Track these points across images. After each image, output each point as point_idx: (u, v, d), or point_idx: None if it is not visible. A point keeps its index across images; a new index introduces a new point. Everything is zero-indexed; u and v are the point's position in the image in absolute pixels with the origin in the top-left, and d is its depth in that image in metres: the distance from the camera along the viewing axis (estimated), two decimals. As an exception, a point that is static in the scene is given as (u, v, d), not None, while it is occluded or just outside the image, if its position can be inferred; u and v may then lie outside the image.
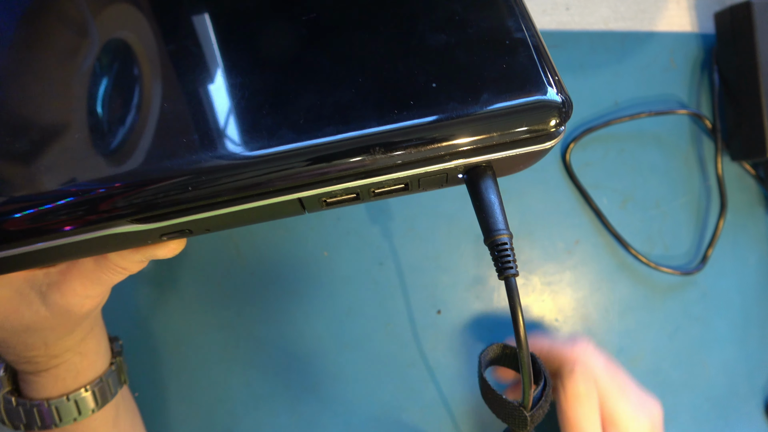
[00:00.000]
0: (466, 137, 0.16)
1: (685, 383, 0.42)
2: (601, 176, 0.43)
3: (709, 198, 0.44)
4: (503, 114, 0.16)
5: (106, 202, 0.16)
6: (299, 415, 0.39)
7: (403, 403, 0.39)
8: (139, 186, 0.16)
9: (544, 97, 0.16)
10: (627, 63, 0.44)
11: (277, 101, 0.16)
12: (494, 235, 0.18)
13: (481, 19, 0.18)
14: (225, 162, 0.16)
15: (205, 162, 0.16)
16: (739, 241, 0.43)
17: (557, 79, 0.17)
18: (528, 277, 0.41)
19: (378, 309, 0.40)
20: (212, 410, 0.38)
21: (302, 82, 0.17)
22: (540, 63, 0.17)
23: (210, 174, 0.16)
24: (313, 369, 0.39)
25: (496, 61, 0.17)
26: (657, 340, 0.42)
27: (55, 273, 0.22)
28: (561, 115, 0.17)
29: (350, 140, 0.16)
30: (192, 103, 0.17)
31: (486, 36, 0.17)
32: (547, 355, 0.33)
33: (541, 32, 0.46)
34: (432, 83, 0.16)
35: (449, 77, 0.16)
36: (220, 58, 0.18)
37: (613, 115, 0.43)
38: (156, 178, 0.16)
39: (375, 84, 0.16)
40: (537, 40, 0.18)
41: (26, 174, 0.16)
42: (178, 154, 0.16)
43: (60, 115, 0.17)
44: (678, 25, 0.45)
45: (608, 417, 0.31)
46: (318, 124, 0.16)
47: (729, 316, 0.43)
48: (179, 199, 0.16)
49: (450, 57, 0.17)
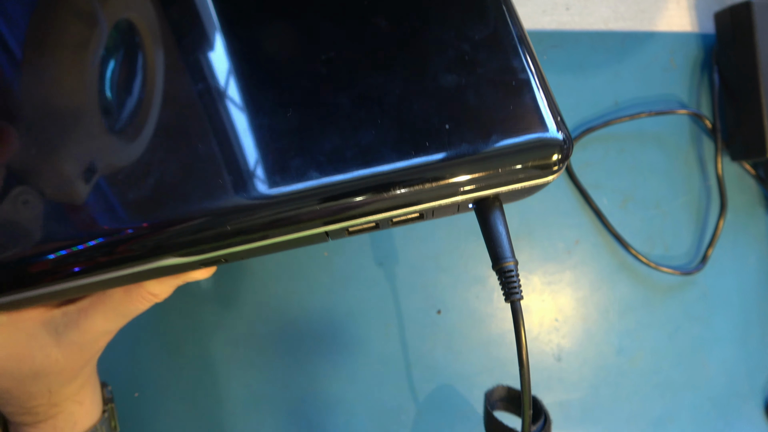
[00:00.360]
0: (476, 174, 0.18)
1: (685, 383, 0.42)
2: (601, 176, 0.43)
3: (709, 198, 0.44)
4: (510, 152, 0.18)
5: (159, 239, 0.18)
6: (299, 415, 0.39)
7: (403, 403, 0.39)
8: (190, 225, 0.17)
9: (548, 136, 0.18)
10: (627, 63, 0.44)
11: (304, 143, 0.18)
12: (502, 262, 0.19)
13: (489, 60, 0.19)
14: (263, 201, 0.17)
15: (248, 202, 0.17)
16: (739, 241, 0.43)
17: (560, 119, 0.18)
18: (528, 277, 0.41)
19: (378, 309, 0.40)
20: (212, 410, 0.38)
21: (326, 123, 0.18)
22: (543, 103, 0.18)
23: (252, 212, 0.17)
24: (313, 369, 0.39)
25: (504, 102, 0.18)
26: (657, 340, 0.42)
27: (75, 311, 0.22)
28: (563, 152, 0.18)
29: (374, 178, 0.17)
30: (227, 146, 0.18)
31: (494, 77, 0.19)
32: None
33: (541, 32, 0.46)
34: (445, 124, 0.18)
35: (461, 119, 0.18)
36: (248, 101, 0.19)
37: (613, 115, 0.43)
38: (203, 218, 0.17)
39: (394, 126, 0.18)
40: (540, 79, 0.19)
41: (79, 213, 0.18)
42: (222, 195, 0.17)
43: (113, 156, 0.18)
44: (678, 25, 0.45)
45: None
46: (343, 165, 0.17)
47: (729, 316, 0.43)
48: (224, 235, 0.17)
49: (461, 99, 0.18)
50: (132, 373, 0.38)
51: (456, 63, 0.19)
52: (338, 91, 0.19)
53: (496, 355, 0.40)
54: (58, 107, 0.19)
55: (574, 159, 0.42)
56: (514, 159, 0.18)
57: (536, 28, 0.44)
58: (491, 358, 0.40)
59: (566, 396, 0.41)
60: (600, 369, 0.41)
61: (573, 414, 0.41)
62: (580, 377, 0.41)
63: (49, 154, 0.18)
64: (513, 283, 0.20)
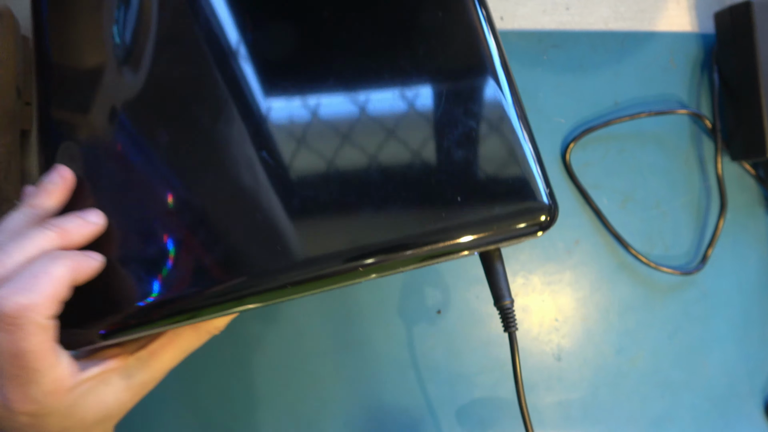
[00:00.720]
0: (481, 234, 0.23)
1: (685, 383, 0.42)
2: (601, 176, 0.43)
3: (709, 198, 0.44)
4: (508, 217, 0.23)
5: (253, 290, 0.22)
6: (299, 415, 0.39)
7: (403, 403, 0.39)
8: (276, 279, 0.22)
9: (539, 205, 0.23)
10: (627, 63, 0.44)
11: (343, 214, 0.22)
12: (501, 301, 0.26)
13: (492, 135, 0.24)
14: (323, 262, 0.22)
15: (318, 262, 0.22)
16: (739, 240, 0.43)
17: (549, 191, 0.23)
18: (528, 277, 0.41)
19: (378, 309, 0.40)
20: (212, 410, 0.38)
21: (362, 198, 0.23)
22: (537, 178, 0.23)
23: (314, 267, 0.22)
24: (313, 369, 0.39)
25: (504, 175, 0.23)
26: (657, 340, 0.42)
27: (146, 355, 0.24)
28: (551, 214, 0.23)
29: (400, 241, 0.22)
30: (294, 218, 0.23)
31: (496, 152, 0.24)
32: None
33: (541, 32, 0.46)
34: (458, 197, 0.23)
35: (469, 192, 0.23)
36: (297, 180, 0.23)
37: (613, 115, 0.43)
38: (286, 273, 0.22)
39: (416, 199, 0.23)
40: (536, 157, 0.24)
41: (204, 265, 0.22)
42: (298, 256, 0.22)
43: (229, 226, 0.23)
44: (678, 25, 0.45)
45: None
46: (377, 232, 0.22)
47: (729, 316, 0.43)
48: (300, 281, 0.22)
49: (470, 174, 0.23)
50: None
51: (464, 138, 0.24)
52: (369, 170, 0.23)
53: (496, 355, 0.40)
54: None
55: (574, 159, 0.42)
56: (511, 223, 0.23)
57: (536, 28, 0.44)
58: (491, 358, 0.40)
59: (566, 396, 0.41)
60: (600, 369, 0.41)
61: (573, 414, 0.41)
62: (580, 377, 0.41)
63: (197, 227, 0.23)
64: (510, 318, 0.26)
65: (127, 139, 0.24)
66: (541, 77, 0.43)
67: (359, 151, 0.24)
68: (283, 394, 0.39)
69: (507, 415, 0.40)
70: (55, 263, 0.20)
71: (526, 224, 0.23)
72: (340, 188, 0.23)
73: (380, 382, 0.39)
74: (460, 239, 0.22)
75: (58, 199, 0.23)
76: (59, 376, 0.20)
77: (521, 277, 0.41)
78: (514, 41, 0.43)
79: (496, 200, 0.23)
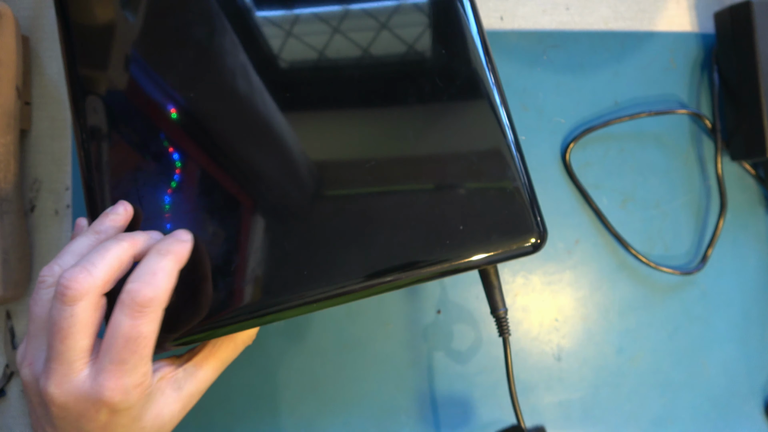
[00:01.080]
0: (479, 255, 0.27)
1: (685, 383, 0.42)
2: (601, 176, 0.43)
3: (709, 198, 0.44)
4: (503, 242, 0.27)
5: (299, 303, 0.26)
6: (299, 415, 0.39)
7: (403, 403, 0.39)
8: (327, 291, 0.26)
9: (531, 231, 0.27)
10: (627, 63, 0.44)
11: (362, 243, 0.27)
12: (497, 311, 0.30)
13: (490, 170, 0.28)
14: (352, 280, 0.26)
15: (357, 278, 0.26)
16: (739, 240, 0.43)
17: (539, 219, 0.27)
18: (528, 277, 0.41)
19: (378, 309, 0.40)
20: (212, 410, 0.38)
21: (378, 228, 0.27)
22: (529, 209, 0.27)
23: (354, 282, 0.26)
24: (313, 369, 0.39)
25: (499, 205, 0.27)
26: (657, 339, 0.42)
27: (192, 366, 0.26)
28: (540, 237, 0.27)
29: (412, 265, 0.26)
30: (343, 248, 0.27)
31: (493, 185, 0.27)
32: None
33: (541, 32, 0.46)
34: (460, 226, 0.27)
35: (470, 221, 0.27)
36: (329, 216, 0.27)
37: (613, 115, 0.43)
38: (339, 285, 0.26)
39: (424, 229, 0.27)
40: (529, 189, 0.28)
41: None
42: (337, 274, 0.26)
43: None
44: (678, 24, 0.45)
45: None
46: (397, 259, 0.26)
47: (729, 315, 0.43)
48: (346, 292, 0.26)
49: (471, 205, 0.27)
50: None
51: (466, 173, 0.28)
52: (383, 203, 0.27)
53: (496, 355, 0.40)
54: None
55: (574, 159, 0.42)
56: (507, 244, 0.27)
57: (536, 27, 0.44)
58: (491, 358, 0.40)
59: (566, 396, 0.41)
60: (600, 369, 0.41)
61: (573, 414, 0.41)
62: (580, 377, 0.41)
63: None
64: (504, 325, 0.30)
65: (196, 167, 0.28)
66: (541, 77, 0.43)
67: (388, 195, 0.28)
68: (283, 394, 0.39)
69: (507, 415, 0.40)
70: (165, 259, 0.23)
71: (518, 246, 0.27)
72: (371, 226, 0.27)
73: (380, 382, 0.39)
74: (465, 260, 0.27)
75: (120, 228, 0.25)
76: (147, 371, 0.23)
77: (521, 277, 0.41)
78: (514, 41, 0.43)
79: (495, 228, 0.27)
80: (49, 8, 0.41)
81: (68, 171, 0.40)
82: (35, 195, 0.39)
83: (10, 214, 0.36)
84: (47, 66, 0.40)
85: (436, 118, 0.28)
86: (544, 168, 0.42)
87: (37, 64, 0.40)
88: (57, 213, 0.39)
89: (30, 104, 0.40)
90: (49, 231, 0.39)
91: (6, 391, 0.38)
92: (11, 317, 0.38)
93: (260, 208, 0.27)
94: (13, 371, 0.38)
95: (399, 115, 0.28)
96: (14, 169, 0.36)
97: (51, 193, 0.39)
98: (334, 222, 0.27)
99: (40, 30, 0.40)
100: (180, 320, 0.25)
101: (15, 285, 0.36)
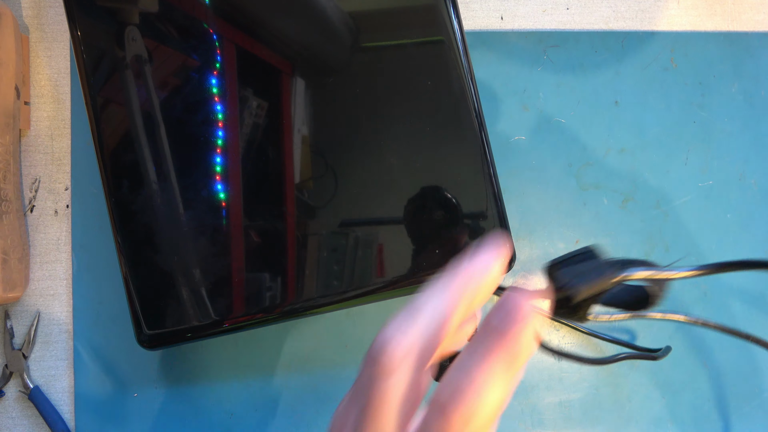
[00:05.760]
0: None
1: (685, 383, 0.42)
2: (601, 176, 0.43)
3: (708, 198, 0.44)
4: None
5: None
6: (299, 415, 0.39)
7: (403, 403, 0.39)
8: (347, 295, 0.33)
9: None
10: (627, 63, 0.44)
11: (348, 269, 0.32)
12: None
13: (468, 198, 0.32)
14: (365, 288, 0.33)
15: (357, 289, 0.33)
16: (739, 240, 0.43)
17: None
18: (528, 277, 0.41)
19: (378, 309, 0.40)
20: (212, 410, 0.38)
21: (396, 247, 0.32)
22: (497, 227, 0.32)
23: (359, 290, 0.33)
24: (313, 369, 0.39)
25: (471, 231, 0.32)
26: (657, 340, 0.42)
27: None
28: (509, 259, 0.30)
29: (395, 281, 0.33)
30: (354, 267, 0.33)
31: (468, 210, 0.32)
32: None
33: (541, 32, 0.46)
34: (436, 250, 0.32)
35: (445, 246, 0.32)
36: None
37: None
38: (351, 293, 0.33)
39: (405, 251, 0.32)
40: (501, 215, 0.32)
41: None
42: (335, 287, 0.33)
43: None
44: (679, 24, 0.45)
45: None
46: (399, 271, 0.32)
47: (729, 316, 0.43)
48: (353, 297, 0.33)
49: (445, 231, 0.32)
50: (131, 373, 0.38)
51: (444, 203, 0.32)
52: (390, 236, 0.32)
53: (496, 355, 0.40)
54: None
55: (574, 159, 0.42)
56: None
57: (536, 27, 0.44)
58: (491, 358, 0.40)
59: (566, 396, 0.41)
60: (600, 369, 0.41)
61: (573, 414, 0.41)
62: (580, 377, 0.41)
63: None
64: None
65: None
66: (541, 77, 0.43)
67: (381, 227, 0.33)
68: (282, 394, 0.39)
69: (507, 415, 0.40)
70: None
71: None
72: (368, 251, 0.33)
73: (380, 382, 0.39)
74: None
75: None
76: None
77: (521, 277, 0.41)
78: (514, 41, 0.43)
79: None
80: (48, 8, 0.41)
81: (68, 171, 0.40)
82: (35, 195, 0.39)
83: (9, 214, 0.36)
84: (46, 66, 0.40)
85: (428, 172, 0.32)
86: (544, 168, 0.42)
87: (37, 63, 0.40)
88: (56, 213, 0.39)
89: (29, 104, 0.40)
90: (49, 231, 0.39)
91: (5, 391, 0.38)
92: (10, 317, 0.38)
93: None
94: (12, 371, 0.38)
95: (391, 153, 0.32)
96: (13, 169, 0.36)
97: (50, 193, 0.39)
98: (344, 251, 0.32)
99: (40, 30, 0.40)
100: (164, 321, 0.30)
101: (14, 285, 0.36)
